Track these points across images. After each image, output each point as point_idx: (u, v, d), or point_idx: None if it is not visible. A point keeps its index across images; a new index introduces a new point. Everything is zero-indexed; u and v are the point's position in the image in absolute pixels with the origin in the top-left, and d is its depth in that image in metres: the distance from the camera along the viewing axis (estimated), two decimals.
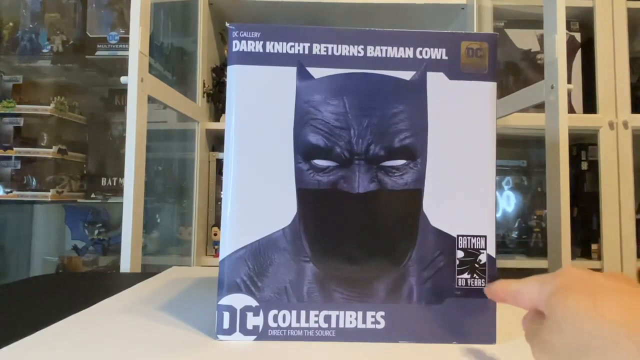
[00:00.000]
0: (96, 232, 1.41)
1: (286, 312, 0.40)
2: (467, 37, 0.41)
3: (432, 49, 0.41)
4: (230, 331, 0.40)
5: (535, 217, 1.38)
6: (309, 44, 0.41)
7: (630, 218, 1.21)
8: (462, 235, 0.41)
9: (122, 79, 0.84)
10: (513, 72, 1.33)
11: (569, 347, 0.25)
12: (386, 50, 0.41)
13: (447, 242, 0.41)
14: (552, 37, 0.88)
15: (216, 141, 1.40)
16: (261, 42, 0.41)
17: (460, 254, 0.40)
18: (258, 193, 0.40)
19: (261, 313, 0.40)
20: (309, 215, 0.40)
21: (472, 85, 0.41)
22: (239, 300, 0.40)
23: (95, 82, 1.41)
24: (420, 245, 0.40)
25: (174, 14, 1.34)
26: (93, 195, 1.32)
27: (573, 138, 1.03)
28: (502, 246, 1.38)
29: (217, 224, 1.31)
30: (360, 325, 0.40)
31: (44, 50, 1.28)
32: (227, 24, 0.42)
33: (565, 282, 0.28)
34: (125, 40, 1.23)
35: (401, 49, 0.41)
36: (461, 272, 0.40)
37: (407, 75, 0.41)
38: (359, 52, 0.41)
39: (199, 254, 1.26)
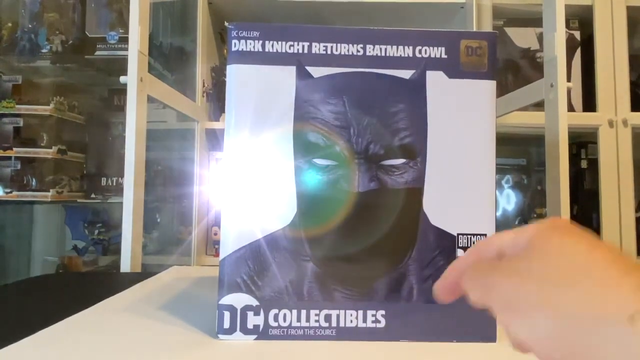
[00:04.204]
0: (96, 232, 1.41)
1: (287, 311, 0.40)
2: (466, 35, 0.41)
3: (431, 48, 0.41)
4: (230, 330, 0.40)
5: (535, 215, 1.38)
6: (308, 43, 0.41)
7: (630, 216, 1.21)
8: (462, 234, 0.41)
9: (122, 79, 0.83)
10: (512, 70, 1.33)
11: (555, 272, 0.22)
12: (385, 49, 0.41)
13: (447, 240, 0.41)
14: (552, 35, 0.88)
15: (216, 140, 1.40)
16: (260, 42, 0.40)
17: (460, 253, 0.40)
18: (258, 192, 0.40)
19: (262, 312, 0.40)
20: (309, 214, 0.40)
21: (471, 84, 0.41)
22: (240, 299, 0.40)
23: (95, 82, 1.41)
24: (420, 244, 0.40)
25: (173, 13, 1.34)
26: (93, 195, 1.32)
27: (573, 136, 1.03)
28: None
29: (217, 223, 1.31)
30: (361, 324, 0.40)
31: (43, 51, 1.28)
32: (226, 24, 0.42)
33: (558, 224, 0.25)
34: (124, 40, 1.23)
35: (400, 47, 0.41)
36: None
37: (406, 74, 0.41)
38: (358, 51, 0.41)
39: (199, 254, 1.26)
